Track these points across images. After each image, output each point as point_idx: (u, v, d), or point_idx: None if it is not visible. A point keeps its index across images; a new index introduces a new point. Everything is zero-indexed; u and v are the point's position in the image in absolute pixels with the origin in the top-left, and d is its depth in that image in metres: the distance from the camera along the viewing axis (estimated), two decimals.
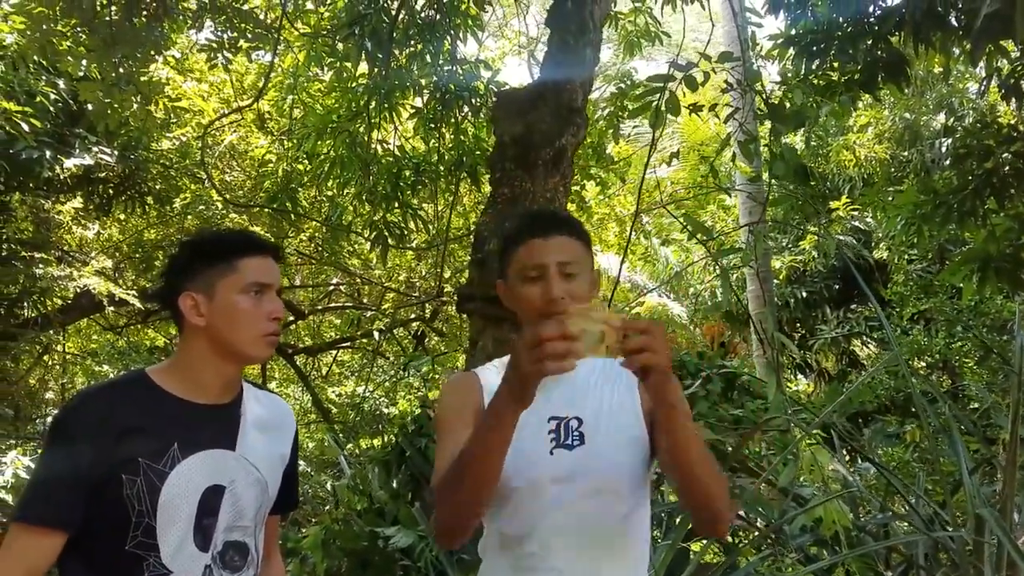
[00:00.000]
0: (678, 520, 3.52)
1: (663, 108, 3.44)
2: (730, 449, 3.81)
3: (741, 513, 3.75)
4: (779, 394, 3.20)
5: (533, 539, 1.56)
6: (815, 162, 10.51)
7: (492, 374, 1.76)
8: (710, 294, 11.56)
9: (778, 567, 3.47)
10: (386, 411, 9.59)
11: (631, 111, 3.92)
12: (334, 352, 10.90)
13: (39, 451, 5.13)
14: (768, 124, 4.04)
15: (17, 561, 1.50)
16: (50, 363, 7.99)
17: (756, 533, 3.95)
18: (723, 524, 1.52)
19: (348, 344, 10.49)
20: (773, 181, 4.19)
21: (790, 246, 10.99)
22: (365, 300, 9.91)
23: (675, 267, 11.87)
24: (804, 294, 11.27)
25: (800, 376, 11.86)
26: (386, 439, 6.60)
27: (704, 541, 3.49)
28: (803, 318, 11.59)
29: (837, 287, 11.44)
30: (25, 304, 6.58)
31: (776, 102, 3.86)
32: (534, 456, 1.57)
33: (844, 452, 3.78)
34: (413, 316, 9.85)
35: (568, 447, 1.57)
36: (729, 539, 3.89)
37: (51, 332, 6.86)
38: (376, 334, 9.45)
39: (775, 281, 10.04)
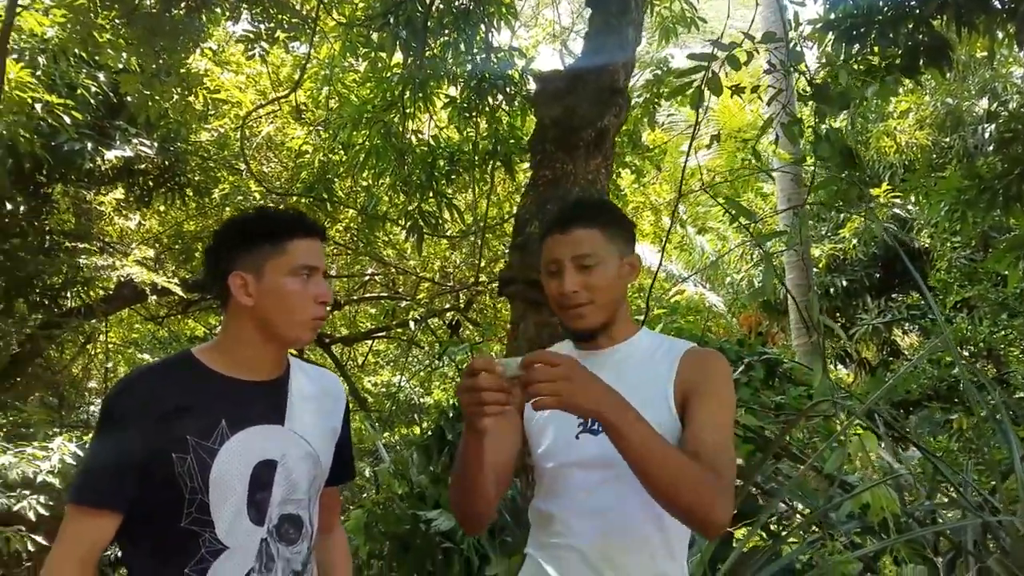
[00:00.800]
0: None
1: (704, 88, 3.40)
2: (773, 436, 3.77)
3: (786, 500, 3.72)
4: (825, 379, 3.15)
5: (558, 519, 1.64)
6: (856, 149, 10.36)
7: None
8: (747, 283, 11.45)
9: (824, 554, 3.43)
10: (421, 401, 9.64)
11: (669, 93, 3.88)
12: (370, 342, 10.97)
13: (83, 438, 5.26)
14: (810, 107, 3.97)
15: (73, 542, 1.53)
16: (93, 352, 8.14)
17: (800, 520, 3.91)
18: (710, 528, 1.50)
19: (384, 334, 10.55)
20: (817, 164, 4.11)
21: (829, 234, 10.85)
22: (400, 290, 9.95)
23: (711, 256, 11.76)
24: (844, 283, 11.12)
25: (840, 366, 11.71)
26: (424, 426, 6.63)
27: (748, 527, 3.46)
28: (843, 307, 11.44)
29: (878, 275, 11.27)
30: (68, 294, 6.71)
31: (821, 83, 3.79)
32: (561, 440, 1.65)
33: (890, 439, 3.72)
34: (448, 306, 9.89)
35: (594, 432, 1.60)
36: (773, 526, 3.85)
37: (94, 321, 6.98)
38: (411, 324, 9.49)
39: (814, 269, 9.92)
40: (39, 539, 4.87)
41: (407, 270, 9.46)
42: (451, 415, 4.44)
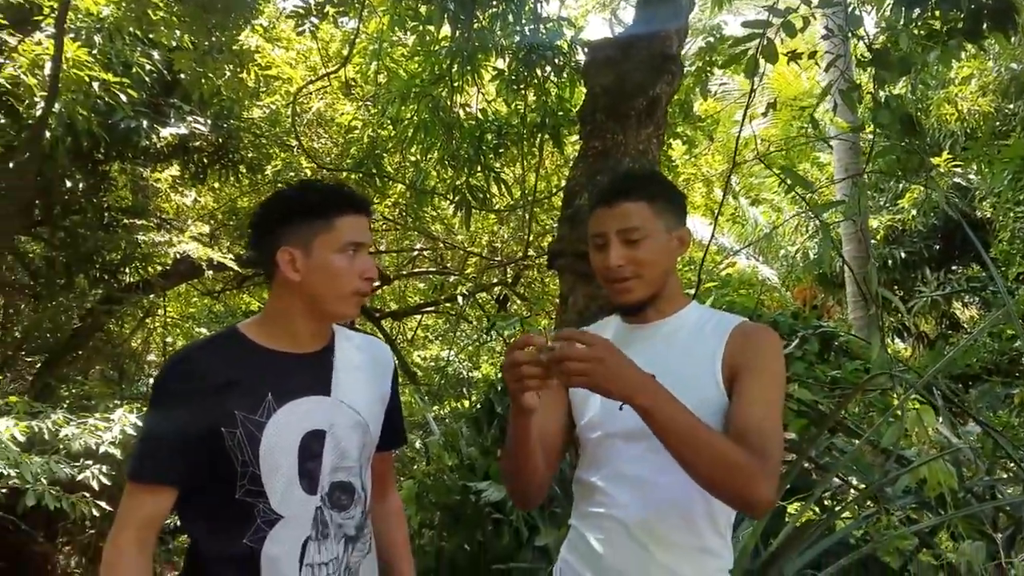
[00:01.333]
0: None
1: (759, 56, 3.31)
2: (828, 410, 3.71)
3: (840, 475, 3.66)
4: (883, 352, 3.07)
5: (600, 489, 1.64)
6: (916, 116, 10.03)
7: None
8: (802, 255, 11.22)
9: (879, 529, 3.37)
10: (469, 375, 9.69)
11: (723, 62, 3.79)
12: (419, 316, 11.06)
13: (143, 409, 5.40)
14: (870, 73, 3.85)
15: (130, 517, 1.58)
16: (152, 326, 8.34)
17: (853, 495, 3.84)
18: (753, 509, 1.49)
19: (432, 308, 10.62)
20: (876, 132, 3.98)
21: (888, 204, 10.57)
22: (448, 265, 9.99)
23: (765, 228, 11.54)
24: (903, 254, 10.84)
25: (898, 340, 11.46)
26: (473, 399, 6.67)
27: (801, 502, 3.42)
28: (901, 279, 11.17)
29: (937, 247, 10.97)
30: (127, 269, 6.86)
31: (880, 48, 3.67)
32: (605, 411, 1.64)
33: (948, 413, 3.63)
34: (496, 280, 9.90)
35: None
36: (827, 501, 3.80)
37: (152, 296, 7.15)
38: (459, 298, 9.53)
39: (872, 241, 9.68)
40: (103, 504, 5.04)
41: (455, 245, 9.48)
42: (500, 388, 4.46)
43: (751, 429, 1.48)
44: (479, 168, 6.36)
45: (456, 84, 5.92)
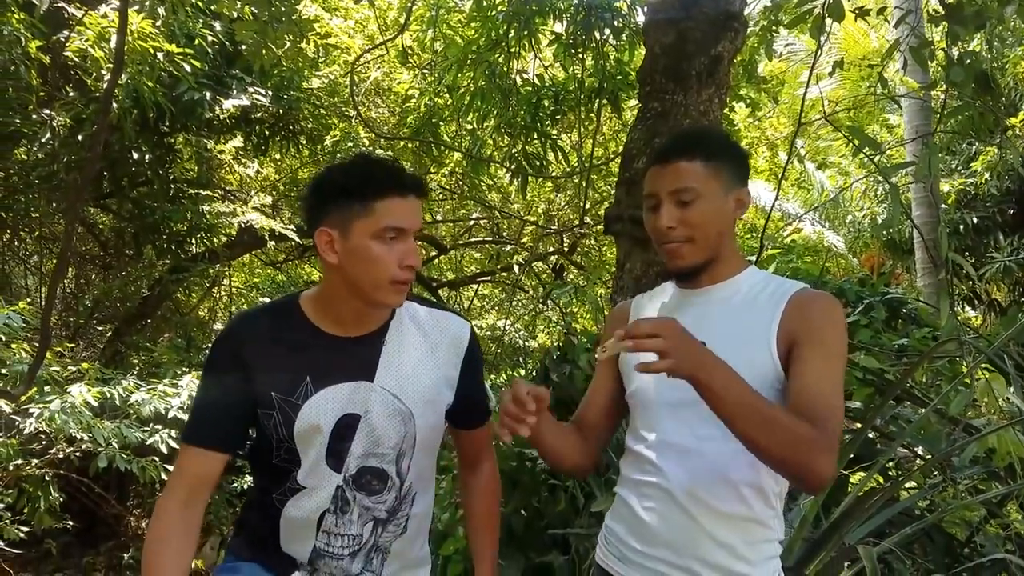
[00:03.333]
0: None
1: (825, 15, 3.20)
2: (895, 378, 3.61)
3: (906, 444, 3.57)
4: (952, 318, 2.97)
5: (645, 458, 1.62)
6: (991, 74, 9.62)
7: (644, 301, 1.81)
8: (869, 221, 10.87)
9: (944, 498, 3.29)
10: (525, 344, 9.71)
11: (789, 21, 3.66)
12: (475, 286, 11.10)
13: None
14: (942, 29, 3.68)
15: (180, 475, 1.64)
16: (218, 295, 8.54)
17: (918, 464, 3.75)
18: (810, 485, 1.43)
19: (488, 278, 10.64)
20: (949, 91, 3.81)
21: (960, 167, 10.18)
22: (504, 234, 9.99)
23: (831, 192, 11.20)
24: (975, 219, 10.44)
25: (968, 308, 11.10)
26: (530, 367, 6.69)
27: (864, 472, 3.35)
28: (973, 245, 10.77)
29: (1011, 211, 10.52)
30: (193, 240, 7.02)
31: (954, 2, 3.50)
32: (654, 379, 1.59)
33: (1020, 382, 3.50)
34: (552, 249, 9.87)
35: None
36: (892, 471, 3.72)
37: (218, 266, 7.30)
38: (515, 267, 9.53)
39: (942, 206, 9.34)
40: (171, 468, 5.21)
41: (511, 214, 9.46)
42: (555, 355, 4.45)
43: (811, 402, 1.44)
44: (535, 135, 6.31)
45: (513, 50, 5.86)
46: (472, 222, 10.14)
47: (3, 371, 4.90)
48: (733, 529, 1.55)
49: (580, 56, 5.86)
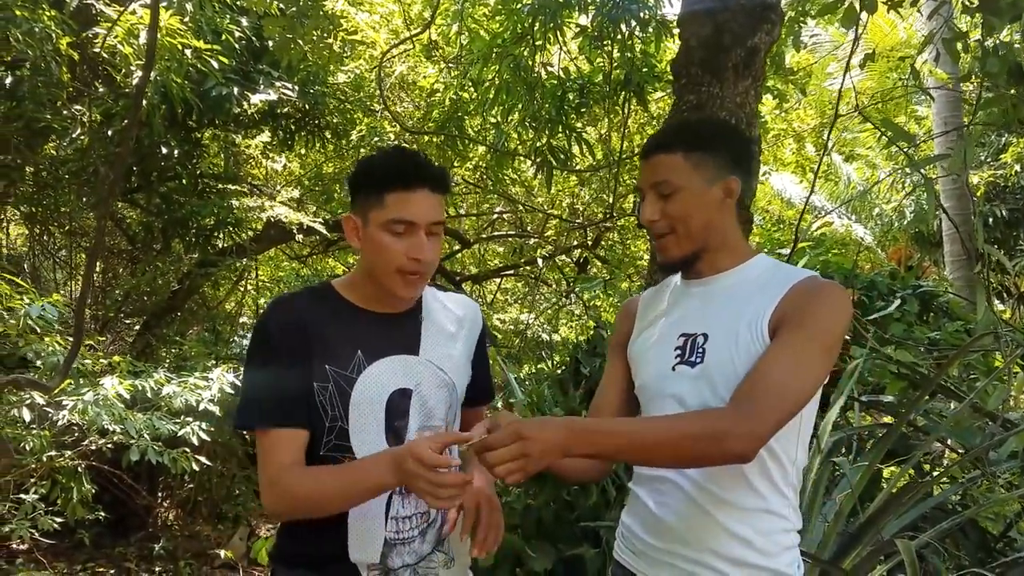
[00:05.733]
0: (869, 444, 3.38)
1: (857, 6, 3.17)
2: (928, 372, 3.58)
3: (940, 439, 3.54)
4: (989, 312, 2.94)
5: None
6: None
7: (651, 295, 1.83)
8: (897, 214, 10.76)
9: (980, 492, 3.26)
10: (549, 338, 9.71)
11: (818, 11, 3.63)
12: (499, 279, 11.11)
13: (238, 369, 5.59)
14: (975, 20, 3.64)
15: (272, 459, 1.59)
16: (244, 289, 8.60)
17: (951, 458, 3.72)
18: (732, 459, 1.42)
19: (512, 272, 10.65)
20: (983, 82, 3.77)
21: (989, 160, 10.05)
22: (528, 228, 9.98)
23: (859, 185, 11.07)
24: (1004, 212, 10.31)
25: (997, 301, 10.97)
26: (557, 361, 6.69)
27: (898, 466, 3.33)
28: (1003, 238, 10.65)
29: None
30: (221, 234, 7.07)
31: None
32: (659, 372, 1.63)
33: None
34: (576, 243, 9.85)
35: (691, 364, 1.57)
36: (926, 466, 3.69)
37: (244, 260, 7.35)
38: (539, 261, 9.52)
39: (972, 199, 9.25)
40: (202, 459, 5.27)
41: (535, 208, 9.46)
42: (585, 348, 4.46)
43: (750, 383, 1.44)
44: (560, 128, 6.29)
45: (538, 43, 5.84)
46: (495, 216, 10.14)
47: (38, 363, 4.96)
48: (747, 521, 1.54)
49: (606, 49, 5.82)
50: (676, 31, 3.67)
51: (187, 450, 5.09)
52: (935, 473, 3.68)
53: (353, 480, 1.54)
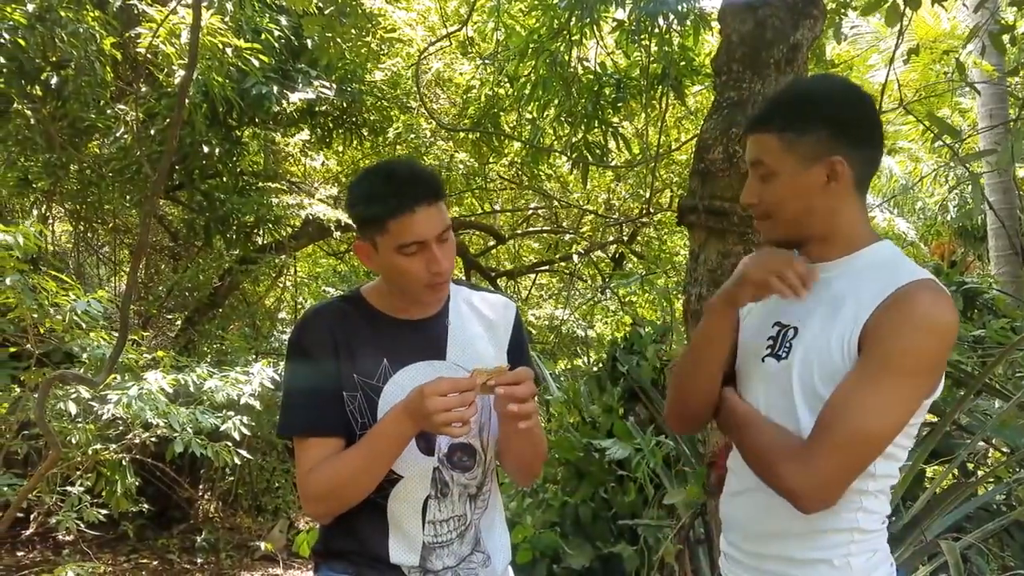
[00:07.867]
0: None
1: (901, 2, 3.12)
2: (974, 370, 3.52)
3: (986, 438, 3.48)
4: None
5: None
6: None
7: None
8: (941, 208, 10.53)
9: None
10: (584, 334, 9.69)
11: (863, 8, 3.57)
12: (534, 275, 11.11)
13: (278, 364, 5.66)
14: (1019, 13, 3.55)
15: (308, 463, 1.62)
16: (283, 285, 8.70)
17: (996, 457, 3.66)
18: (791, 499, 1.36)
19: (547, 268, 10.64)
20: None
21: None
22: (564, 224, 9.96)
23: (901, 179, 10.84)
24: None
25: None
26: (594, 359, 6.68)
27: (942, 466, 3.27)
28: None
29: None
30: (261, 231, 7.17)
31: None
32: (751, 358, 1.56)
33: None
34: (611, 239, 9.81)
35: (777, 357, 1.48)
36: (970, 465, 3.63)
37: (284, 257, 7.44)
38: (575, 257, 9.50)
39: (1017, 193, 9.03)
40: (244, 452, 5.36)
41: (571, 203, 9.44)
42: (623, 346, 4.45)
43: (825, 414, 1.36)
44: (597, 124, 6.27)
45: (575, 38, 5.82)
46: (531, 212, 10.14)
47: (83, 358, 5.07)
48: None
49: (643, 43, 5.77)
50: (715, 25, 3.63)
51: (229, 444, 5.18)
52: (980, 473, 3.62)
53: (371, 445, 1.58)
